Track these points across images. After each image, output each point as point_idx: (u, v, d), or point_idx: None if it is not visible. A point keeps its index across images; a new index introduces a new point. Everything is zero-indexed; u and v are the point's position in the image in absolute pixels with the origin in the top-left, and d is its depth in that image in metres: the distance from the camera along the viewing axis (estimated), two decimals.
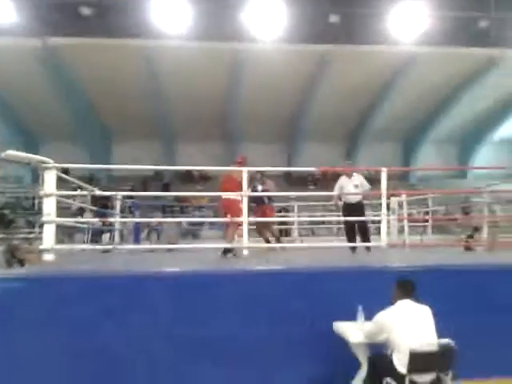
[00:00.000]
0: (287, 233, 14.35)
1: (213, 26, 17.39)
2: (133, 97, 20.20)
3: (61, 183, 6.20)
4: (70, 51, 17.79)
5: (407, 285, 4.06)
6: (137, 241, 9.85)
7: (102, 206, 11.66)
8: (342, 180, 7.82)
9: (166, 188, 21.64)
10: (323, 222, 15.05)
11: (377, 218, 6.28)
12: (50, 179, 5.73)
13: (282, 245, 8.46)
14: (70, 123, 21.58)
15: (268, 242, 8.59)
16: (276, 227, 9.88)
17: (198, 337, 4.55)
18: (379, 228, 9.06)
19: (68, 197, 7.61)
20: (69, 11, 17.13)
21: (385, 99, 22.17)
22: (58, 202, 5.98)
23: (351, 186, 7.66)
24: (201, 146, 23.68)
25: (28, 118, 21.90)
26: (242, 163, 7.37)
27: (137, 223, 9.95)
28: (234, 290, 4.71)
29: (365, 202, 7.81)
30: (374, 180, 6.11)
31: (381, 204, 6.60)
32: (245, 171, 6.49)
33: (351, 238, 7.83)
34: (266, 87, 20.20)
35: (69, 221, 7.82)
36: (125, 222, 10.99)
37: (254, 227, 8.51)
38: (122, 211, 11.51)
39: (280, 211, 15.48)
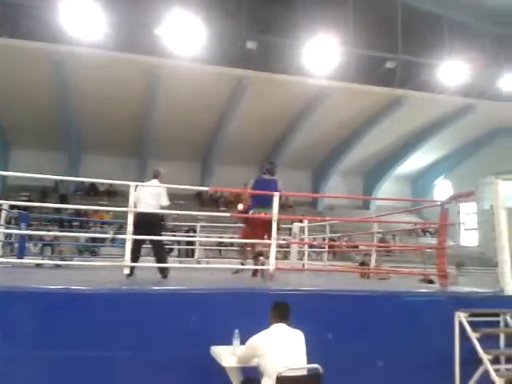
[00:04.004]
0: (193, 253, 14.13)
1: (128, 37, 16.91)
2: (38, 103, 18.93)
3: None
4: None
5: (282, 308, 4.00)
6: (21, 255, 9.08)
7: None
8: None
9: (63, 200, 20.37)
10: (232, 244, 14.90)
11: (267, 242, 6.25)
12: None
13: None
14: None
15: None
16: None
17: (62, 358, 4.17)
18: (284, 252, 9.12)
19: None
20: None
21: (297, 128, 22.75)
22: None
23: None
24: (110, 161, 22.74)
25: None
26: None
27: (22, 236, 9.18)
28: (102, 310, 4.38)
29: None
30: (285, 206, 6.17)
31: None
32: None
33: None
34: (182, 105, 19.94)
35: None
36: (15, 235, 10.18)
37: None
38: (7, 223, 10.68)
39: (188, 231, 15.24)
